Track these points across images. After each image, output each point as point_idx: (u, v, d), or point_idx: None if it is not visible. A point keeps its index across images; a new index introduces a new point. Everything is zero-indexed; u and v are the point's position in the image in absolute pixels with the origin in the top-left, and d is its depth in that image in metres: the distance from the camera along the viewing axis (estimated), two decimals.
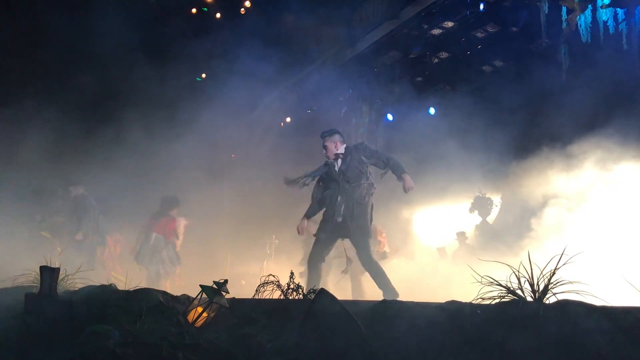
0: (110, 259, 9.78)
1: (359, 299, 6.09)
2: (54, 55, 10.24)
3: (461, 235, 10.25)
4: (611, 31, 7.76)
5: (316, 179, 6.58)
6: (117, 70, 10.26)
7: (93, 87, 10.40)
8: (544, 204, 7.85)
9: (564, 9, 8.03)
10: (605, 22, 7.79)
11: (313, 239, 6.49)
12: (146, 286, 4.46)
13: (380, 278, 5.79)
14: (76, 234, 8.76)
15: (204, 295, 3.83)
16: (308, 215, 6.52)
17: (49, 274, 4.01)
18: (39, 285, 4.10)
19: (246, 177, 11.70)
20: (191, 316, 3.77)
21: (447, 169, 10.56)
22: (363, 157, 6.28)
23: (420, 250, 10.84)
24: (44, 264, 4.27)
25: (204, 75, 12.69)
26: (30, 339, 3.61)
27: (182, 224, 9.71)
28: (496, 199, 10.05)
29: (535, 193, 8.38)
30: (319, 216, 6.52)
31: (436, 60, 11.36)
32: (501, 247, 7.65)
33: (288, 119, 14.10)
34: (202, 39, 11.51)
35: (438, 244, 10.51)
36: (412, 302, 3.87)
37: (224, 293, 3.92)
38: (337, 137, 6.49)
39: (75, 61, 10.41)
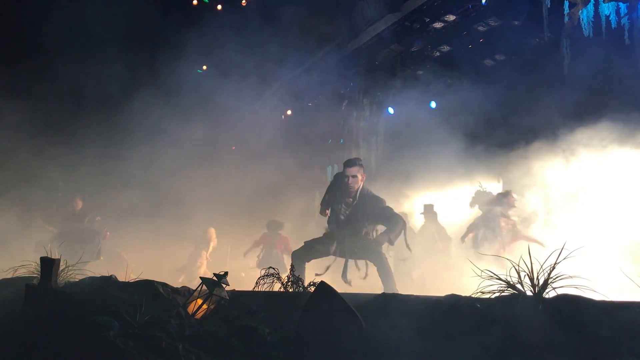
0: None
1: None
2: (42, 45, 10.14)
3: (429, 208, 9.86)
4: (613, 25, 7.73)
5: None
6: (116, 62, 10.22)
7: (91, 79, 10.37)
8: (543, 197, 7.86)
9: (567, 3, 7.99)
10: (607, 17, 7.75)
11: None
12: None
13: (389, 278, 5.76)
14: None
15: (204, 287, 3.84)
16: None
17: (49, 264, 4.01)
18: (39, 276, 4.11)
19: (246, 170, 11.70)
20: (191, 308, 3.78)
21: (448, 162, 10.56)
22: (372, 214, 6.07)
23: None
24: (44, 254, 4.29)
25: (205, 67, 12.66)
26: (30, 329, 3.62)
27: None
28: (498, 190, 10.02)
29: (535, 186, 8.39)
30: None
31: (438, 53, 11.33)
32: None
33: (289, 112, 14.08)
34: (203, 31, 11.47)
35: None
36: (412, 295, 3.89)
37: (224, 285, 3.93)
38: (362, 170, 6.26)
39: (70, 51, 10.32)
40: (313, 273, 6.01)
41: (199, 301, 3.80)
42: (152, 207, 10.40)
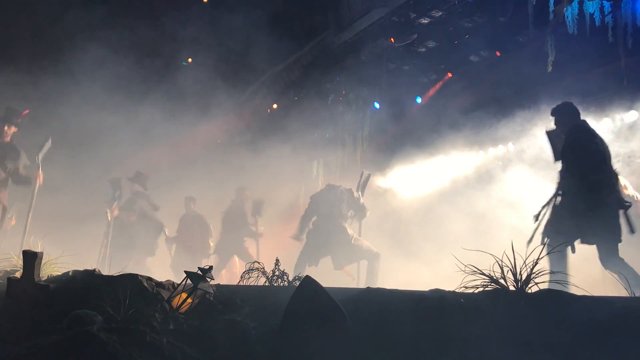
0: None
1: None
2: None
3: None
4: (597, 23, 7.79)
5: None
6: (99, 53, 10.07)
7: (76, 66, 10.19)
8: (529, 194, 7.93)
9: (552, 0, 8.04)
10: (591, 14, 7.81)
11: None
12: None
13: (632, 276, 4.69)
14: None
15: (189, 282, 3.83)
16: None
17: (31, 258, 3.97)
18: (21, 269, 4.06)
19: (231, 164, 11.65)
20: (175, 302, 3.76)
21: (433, 158, 10.63)
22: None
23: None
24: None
25: (190, 60, 12.56)
26: (12, 323, 3.58)
27: None
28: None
29: (522, 184, 8.47)
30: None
31: (423, 49, 11.35)
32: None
33: (275, 106, 14.04)
34: (189, 23, 11.38)
35: None
36: (397, 290, 3.90)
37: (208, 279, 3.92)
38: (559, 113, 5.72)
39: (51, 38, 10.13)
40: None
41: (184, 295, 3.78)
42: None
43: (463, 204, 9.92)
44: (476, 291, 3.68)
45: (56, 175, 8.01)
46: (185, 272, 3.90)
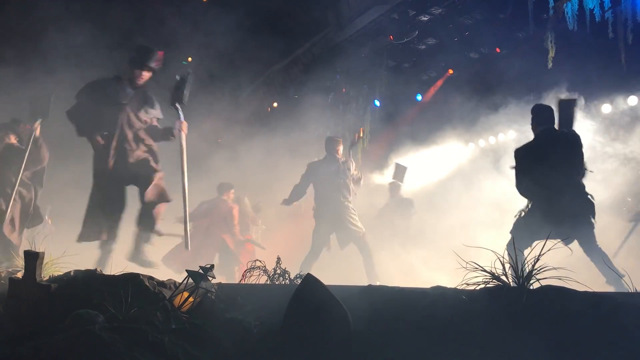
0: None
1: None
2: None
3: (394, 186, 9.90)
4: (597, 19, 7.79)
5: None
6: (98, 53, 10.05)
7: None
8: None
9: None
10: (591, 10, 7.80)
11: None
12: None
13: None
14: None
15: (190, 280, 3.83)
16: None
17: (32, 258, 3.97)
18: (23, 269, 4.06)
19: (232, 162, 11.65)
20: (177, 301, 3.76)
21: (433, 155, 10.62)
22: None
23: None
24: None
25: (190, 59, 12.54)
26: (14, 324, 3.59)
27: None
28: None
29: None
30: None
31: (423, 46, 11.35)
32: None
33: (275, 104, 14.04)
34: (188, 21, 11.35)
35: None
36: (398, 288, 3.90)
37: (210, 278, 3.92)
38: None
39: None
40: None
41: (185, 294, 3.78)
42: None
43: (464, 202, 9.93)
44: (477, 288, 3.68)
45: (56, 174, 7.98)
46: (187, 270, 3.90)
